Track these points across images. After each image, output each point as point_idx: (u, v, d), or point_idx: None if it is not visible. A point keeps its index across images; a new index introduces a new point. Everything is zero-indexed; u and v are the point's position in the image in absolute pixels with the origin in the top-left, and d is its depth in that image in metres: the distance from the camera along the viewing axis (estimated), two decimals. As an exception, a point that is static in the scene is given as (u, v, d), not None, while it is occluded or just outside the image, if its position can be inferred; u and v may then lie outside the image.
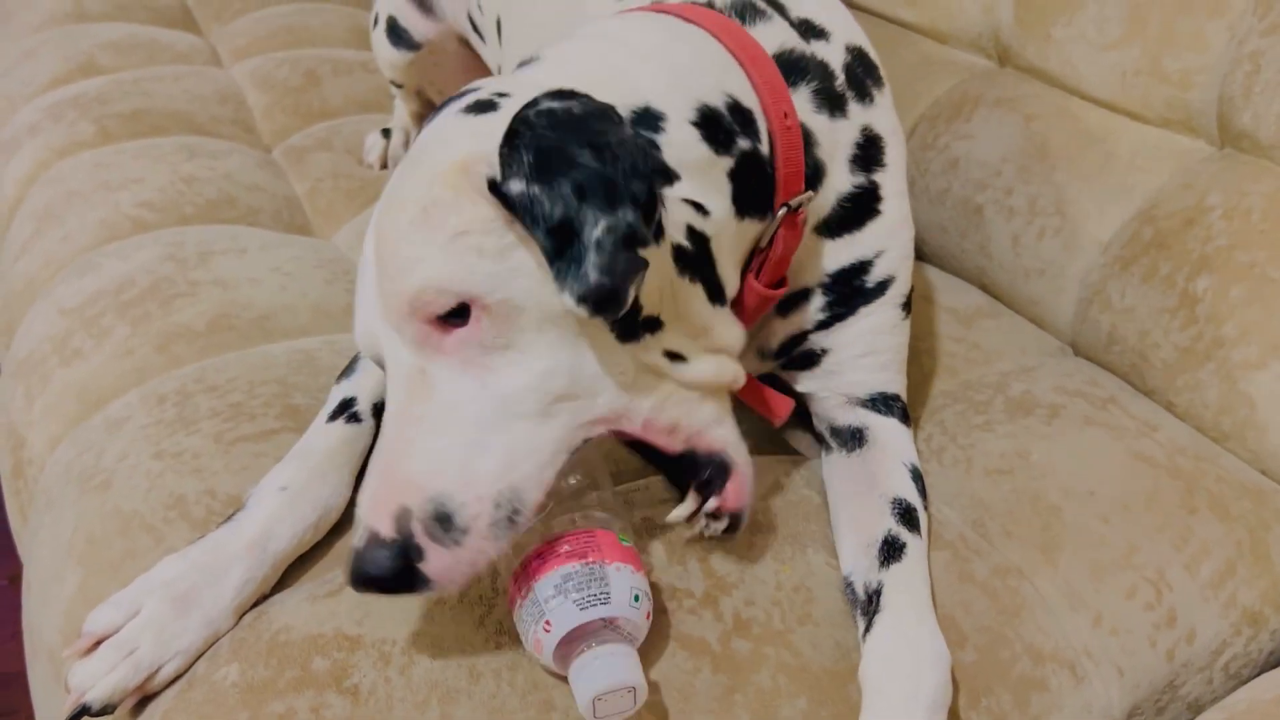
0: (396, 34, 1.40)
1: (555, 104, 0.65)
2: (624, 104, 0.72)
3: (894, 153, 0.91)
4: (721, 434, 0.76)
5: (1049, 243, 1.13)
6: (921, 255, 1.31)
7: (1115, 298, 1.06)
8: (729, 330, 0.78)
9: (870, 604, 0.78)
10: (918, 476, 0.88)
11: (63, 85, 1.66)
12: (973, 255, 1.22)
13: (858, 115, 0.89)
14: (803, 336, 0.91)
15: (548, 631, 0.68)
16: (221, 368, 1.01)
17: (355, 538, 0.67)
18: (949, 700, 0.74)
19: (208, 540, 0.78)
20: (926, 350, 1.10)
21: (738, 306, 0.81)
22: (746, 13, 0.87)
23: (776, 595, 0.80)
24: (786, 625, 0.78)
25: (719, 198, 0.76)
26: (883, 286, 0.91)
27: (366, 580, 0.66)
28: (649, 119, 0.74)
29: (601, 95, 0.68)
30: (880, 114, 0.91)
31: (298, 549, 0.80)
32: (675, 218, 0.72)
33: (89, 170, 1.38)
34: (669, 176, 0.73)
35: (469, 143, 0.67)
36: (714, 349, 0.76)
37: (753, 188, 0.79)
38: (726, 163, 0.77)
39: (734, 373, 0.78)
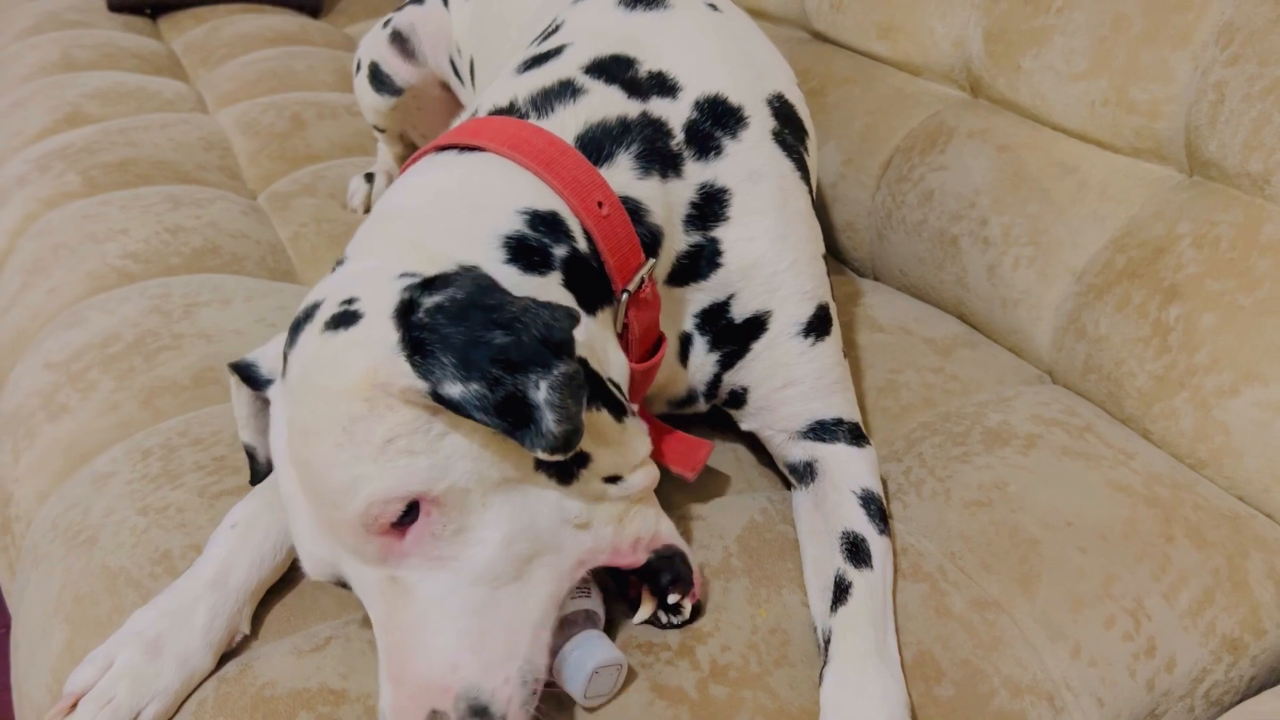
0: (379, 79, 1.41)
1: (438, 298, 0.66)
2: (451, 259, 0.73)
3: (747, 202, 0.90)
4: (667, 528, 0.80)
5: (1024, 272, 1.15)
6: (898, 285, 1.32)
7: (1090, 326, 1.07)
8: (640, 439, 0.79)
9: (825, 650, 0.79)
10: (869, 500, 0.88)
11: (50, 136, 1.68)
12: (950, 286, 1.23)
13: (696, 174, 0.89)
14: (716, 379, 0.93)
15: None
16: (206, 420, 1.02)
17: None
18: None
19: (172, 587, 0.80)
20: (905, 383, 1.11)
21: (631, 387, 0.82)
22: (553, 99, 0.86)
23: (753, 639, 0.81)
24: (763, 668, 0.79)
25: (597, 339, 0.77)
26: (757, 322, 0.91)
27: None
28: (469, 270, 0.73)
29: (424, 261, 0.71)
30: (731, 164, 0.90)
31: (261, 579, 0.81)
32: None
33: (76, 222, 1.40)
34: None
35: (361, 356, 0.67)
36: (637, 459, 0.78)
37: (589, 285, 0.79)
38: (556, 277, 0.77)
39: (655, 472, 0.80)
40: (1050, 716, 0.82)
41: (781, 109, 0.95)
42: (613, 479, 0.75)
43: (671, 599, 0.79)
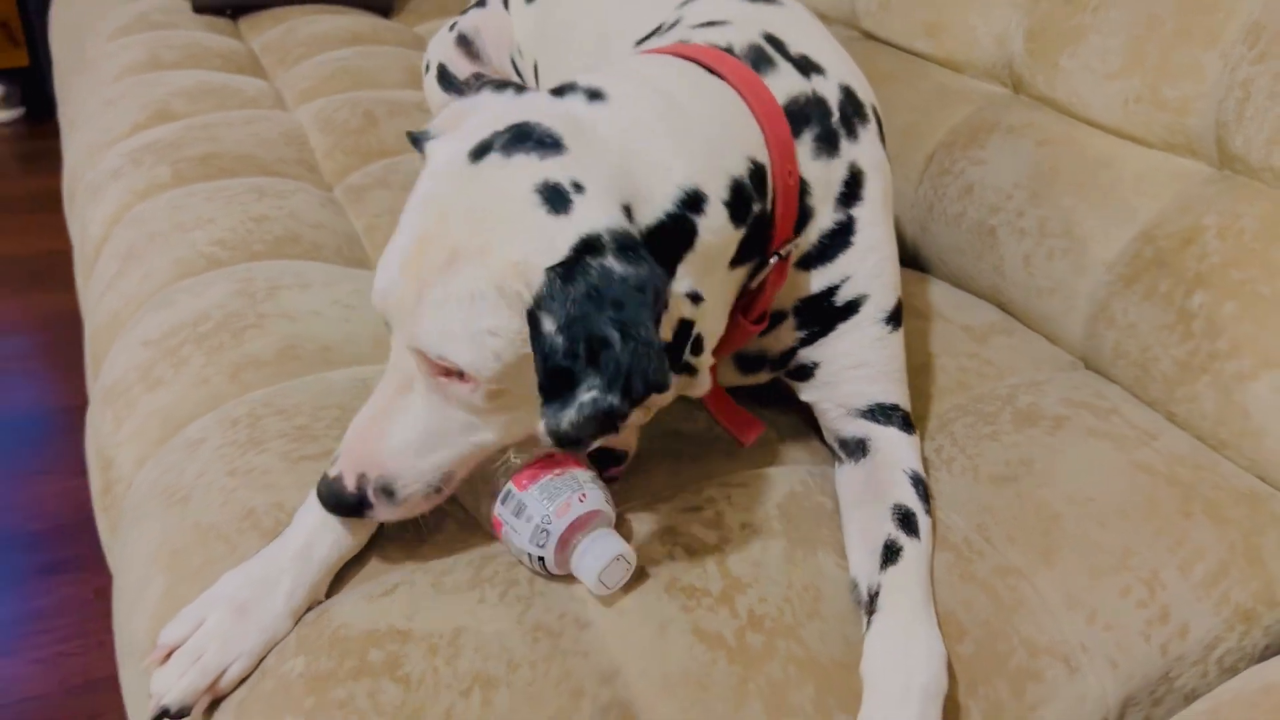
0: (447, 80, 1.49)
1: (617, 265, 0.72)
2: (677, 183, 0.80)
3: (873, 186, 0.97)
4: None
5: (1058, 263, 1.20)
6: (939, 274, 1.38)
7: (1119, 314, 1.12)
8: (688, 386, 0.87)
9: (871, 604, 0.86)
10: (918, 483, 0.95)
11: (141, 131, 1.79)
12: (988, 275, 1.28)
13: (847, 153, 0.95)
14: (791, 352, 0.99)
15: (560, 518, 0.83)
16: (288, 393, 1.10)
17: (331, 467, 0.84)
18: (943, 690, 0.81)
19: (260, 555, 0.87)
20: (941, 366, 1.16)
21: (724, 341, 0.90)
22: (761, 62, 0.93)
23: (788, 594, 0.88)
24: (797, 620, 0.86)
25: (718, 273, 0.85)
26: (853, 305, 0.97)
27: (330, 506, 0.84)
28: (696, 202, 0.81)
29: (663, 168, 0.79)
30: (863, 149, 0.97)
31: (341, 555, 0.88)
32: (670, 314, 0.78)
33: (166, 211, 1.49)
34: (683, 279, 0.80)
35: (530, 243, 0.73)
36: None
37: (753, 243, 0.87)
38: (741, 233, 0.85)
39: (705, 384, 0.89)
40: (1066, 676, 0.88)
41: (875, 111, 1.02)
42: None
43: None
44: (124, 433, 1.15)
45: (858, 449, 0.98)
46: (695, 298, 0.79)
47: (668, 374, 0.73)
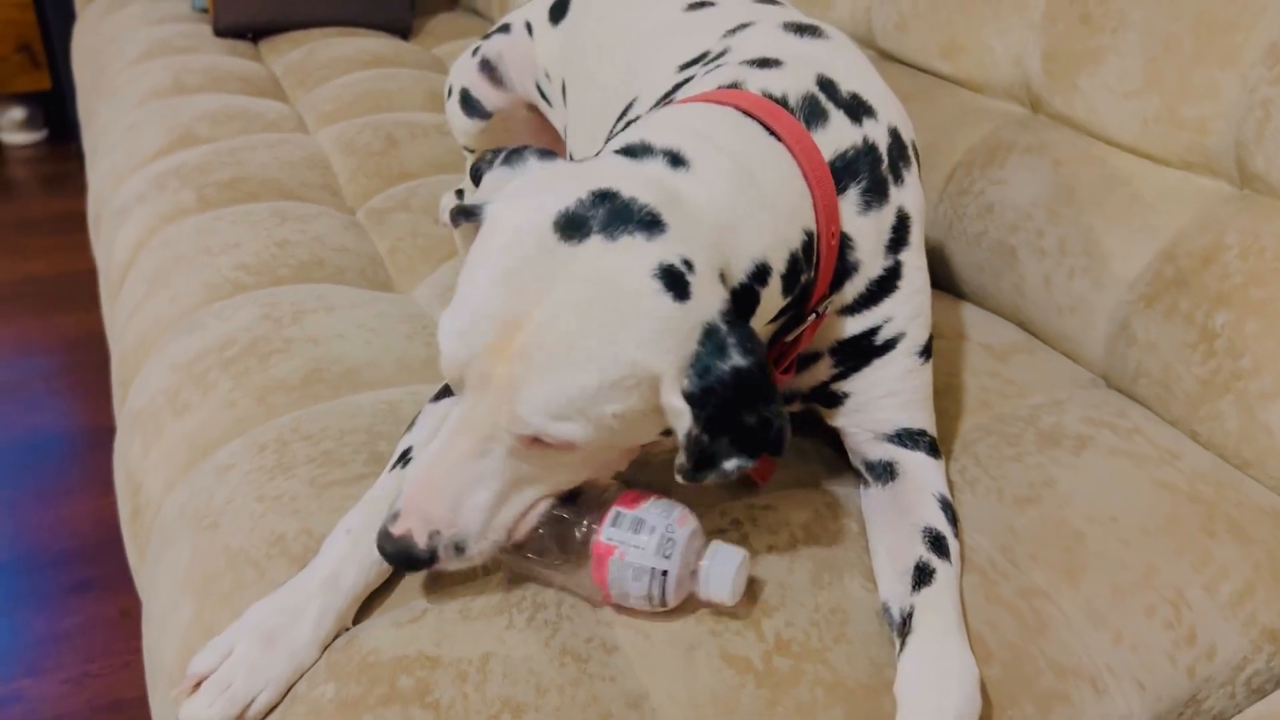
0: (469, 104, 1.50)
1: (741, 360, 0.75)
2: (752, 257, 0.82)
3: (917, 229, 0.98)
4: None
5: (1079, 282, 1.20)
6: (960, 294, 1.38)
7: (1140, 333, 1.12)
8: None
9: (904, 625, 0.86)
10: (947, 506, 0.95)
11: (165, 156, 1.81)
12: (1008, 294, 1.29)
13: (895, 199, 0.95)
14: (823, 385, 1.00)
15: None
16: (315, 418, 1.11)
17: (393, 522, 0.81)
18: (978, 711, 0.81)
19: (288, 584, 0.88)
20: (962, 385, 1.17)
21: None
22: (814, 116, 0.93)
23: (815, 617, 0.88)
24: (824, 644, 0.86)
25: (758, 332, 0.86)
26: (891, 343, 0.98)
27: (395, 561, 0.83)
28: (763, 274, 0.83)
29: (744, 243, 0.81)
30: (909, 192, 0.97)
31: (368, 583, 0.89)
32: None
33: (192, 236, 1.51)
34: None
35: (667, 345, 0.74)
36: None
37: (794, 305, 0.89)
38: (787, 300, 0.87)
39: None
40: (1093, 698, 0.88)
41: (914, 147, 1.02)
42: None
43: None
44: (152, 457, 1.16)
45: (885, 473, 0.99)
46: None
47: (790, 432, 0.79)
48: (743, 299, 0.81)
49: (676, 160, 0.82)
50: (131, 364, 1.35)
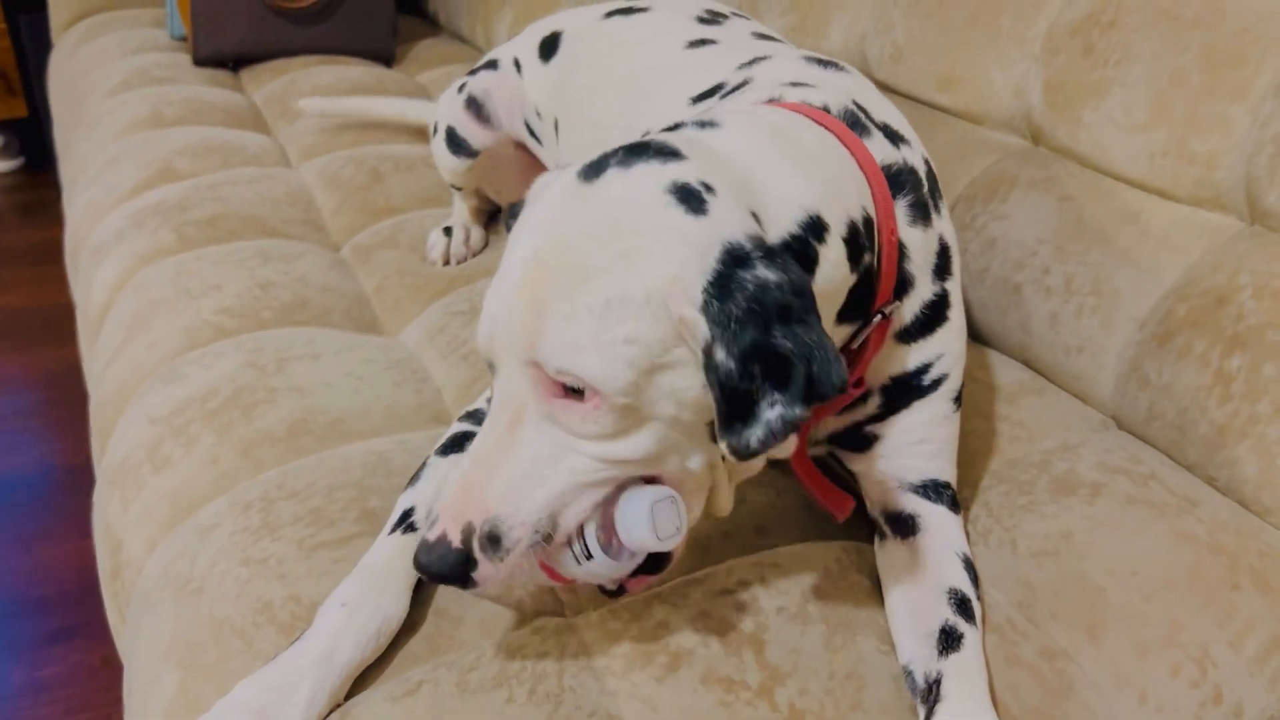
0: (455, 143, 1.47)
1: (769, 273, 0.69)
2: (801, 204, 0.78)
3: (956, 262, 0.97)
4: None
5: (1087, 320, 1.17)
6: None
7: (1153, 375, 1.09)
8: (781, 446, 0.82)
9: (930, 693, 0.82)
10: (969, 566, 0.92)
11: (144, 191, 1.77)
12: (1014, 332, 1.26)
13: (936, 224, 0.94)
14: (857, 425, 0.96)
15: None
16: (301, 472, 1.07)
17: (431, 528, 0.76)
18: None
19: (278, 660, 0.84)
20: (972, 430, 1.13)
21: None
22: (856, 126, 0.91)
23: (829, 684, 0.84)
24: (839, 713, 0.82)
25: (828, 325, 0.81)
26: (936, 384, 0.95)
27: (432, 572, 0.76)
28: (818, 228, 0.79)
29: (784, 185, 0.77)
30: (946, 224, 0.97)
31: (363, 659, 0.85)
32: None
33: (171, 277, 1.47)
34: None
35: (677, 255, 0.70)
36: (755, 471, 0.83)
37: (860, 298, 0.85)
38: (852, 279, 0.83)
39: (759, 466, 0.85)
40: (1119, 763, 0.84)
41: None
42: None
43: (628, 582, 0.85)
44: (132, 514, 1.12)
45: (905, 526, 0.95)
46: None
47: (845, 371, 0.69)
48: (799, 252, 0.77)
49: (705, 124, 0.82)
50: (110, 414, 1.30)
